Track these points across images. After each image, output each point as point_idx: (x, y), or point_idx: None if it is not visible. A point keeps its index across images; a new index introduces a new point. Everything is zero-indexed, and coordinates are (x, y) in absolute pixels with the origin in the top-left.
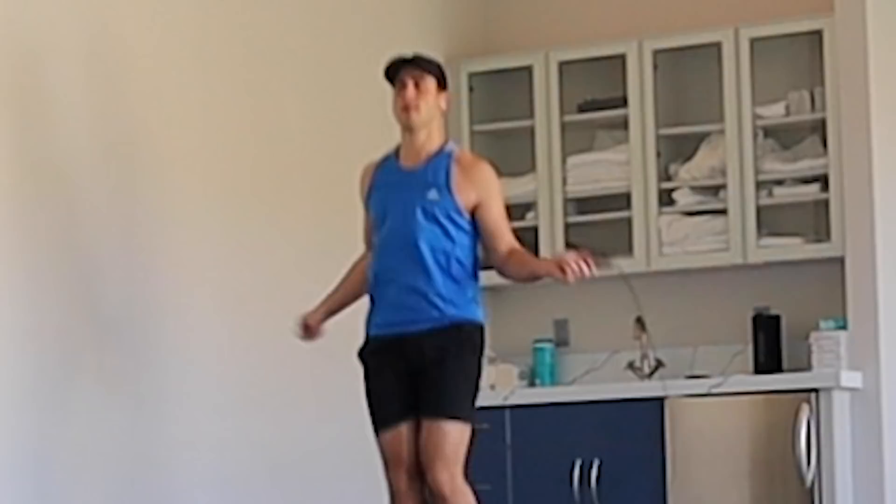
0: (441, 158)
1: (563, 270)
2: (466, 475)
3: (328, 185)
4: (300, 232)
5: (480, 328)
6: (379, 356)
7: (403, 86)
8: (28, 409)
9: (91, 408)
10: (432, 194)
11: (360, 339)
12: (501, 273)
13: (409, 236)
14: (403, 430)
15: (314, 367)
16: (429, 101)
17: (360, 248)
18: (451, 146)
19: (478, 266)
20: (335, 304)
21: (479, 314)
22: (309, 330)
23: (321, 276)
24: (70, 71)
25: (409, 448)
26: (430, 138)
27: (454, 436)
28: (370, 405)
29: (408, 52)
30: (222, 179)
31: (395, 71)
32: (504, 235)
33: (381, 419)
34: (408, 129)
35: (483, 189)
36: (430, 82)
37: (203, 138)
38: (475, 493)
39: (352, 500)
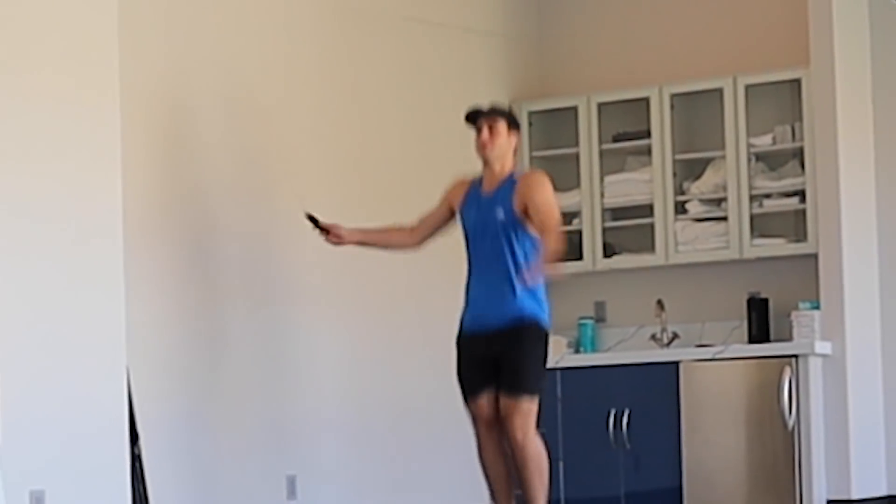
0: (508, 183)
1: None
2: (538, 427)
3: (418, 199)
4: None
5: (544, 328)
6: (468, 345)
7: (479, 130)
8: (177, 373)
9: (228, 370)
10: (500, 214)
11: (440, 326)
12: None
13: (493, 250)
14: (484, 397)
15: (420, 336)
16: (500, 141)
17: (439, 247)
18: (517, 172)
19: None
20: (366, 240)
21: (545, 314)
22: (338, 238)
23: (410, 258)
24: (199, 91)
25: (488, 410)
26: (503, 169)
27: (526, 404)
28: (460, 380)
29: (485, 103)
30: (331, 179)
31: (474, 118)
32: (550, 223)
33: (469, 390)
34: (485, 162)
35: (527, 187)
36: (502, 125)
37: (319, 164)
38: (545, 442)
39: (449, 443)
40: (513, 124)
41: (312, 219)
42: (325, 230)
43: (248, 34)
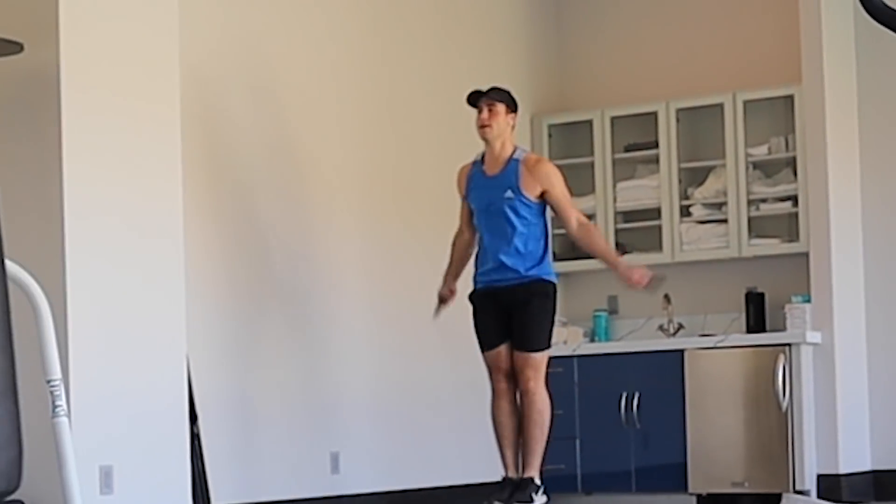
0: (512, 164)
1: (631, 279)
2: (546, 383)
3: (441, 193)
4: (420, 226)
5: (552, 283)
6: (483, 300)
7: (480, 110)
8: (231, 361)
9: (275, 358)
10: (508, 193)
11: (463, 318)
12: (574, 242)
13: (498, 224)
14: (501, 349)
15: (444, 334)
16: (499, 121)
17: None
18: (518, 153)
19: (548, 237)
20: (455, 273)
21: (551, 272)
22: (450, 297)
23: (435, 256)
24: (245, 106)
25: (504, 361)
26: (504, 148)
27: (538, 358)
28: (477, 333)
29: (485, 86)
30: (363, 184)
31: (475, 99)
32: (569, 210)
33: (486, 342)
34: (485, 140)
35: (544, 180)
36: (501, 107)
37: (351, 156)
38: (550, 395)
39: (469, 426)
40: (511, 105)
41: (437, 309)
42: (442, 303)
43: (291, 52)
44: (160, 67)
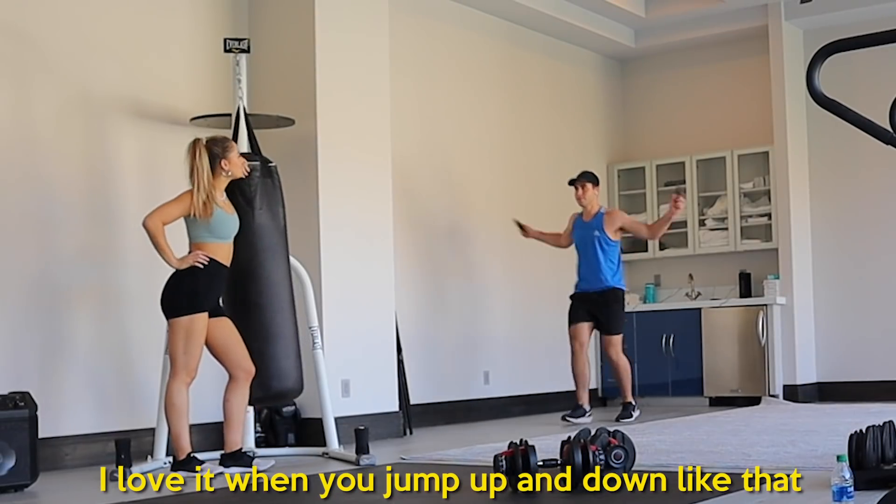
0: (599, 215)
1: (674, 208)
2: (625, 352)
3: (548, 214)
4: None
5: (622, 290)
6: (577, 299)
7: (576, 189)
8: (421, 315)
9: (448, 313)
10: (596, 233)
11: (568, 289)
12: (651, 237)
13: (590, 253)
14: (578, 326)
15: (554, 293)
16: (588, 194)
17: (565, 254)
18: (603, 209)
19: (620, 261)
20: (542, 235)
21: (622, 283)
22: (525, 233)
23: (546, 249)
24: (429, 158)
25: (580, 334)
26: (593, 207)
27: (617, 339)
28: (569, 314)
29: (578, 172)
30: (504, 208)
31: (573, 182)
32: (641, 227)
33: (572, 319)
34: (582, 206)
35: (619, 220)
36: (588, 185)
37: (495, 191)
38: (630, 361)
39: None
40: (594, 181)
41: (518, 224)
42: (522, 228)
43: (458, 123)
44: (378, 133)
